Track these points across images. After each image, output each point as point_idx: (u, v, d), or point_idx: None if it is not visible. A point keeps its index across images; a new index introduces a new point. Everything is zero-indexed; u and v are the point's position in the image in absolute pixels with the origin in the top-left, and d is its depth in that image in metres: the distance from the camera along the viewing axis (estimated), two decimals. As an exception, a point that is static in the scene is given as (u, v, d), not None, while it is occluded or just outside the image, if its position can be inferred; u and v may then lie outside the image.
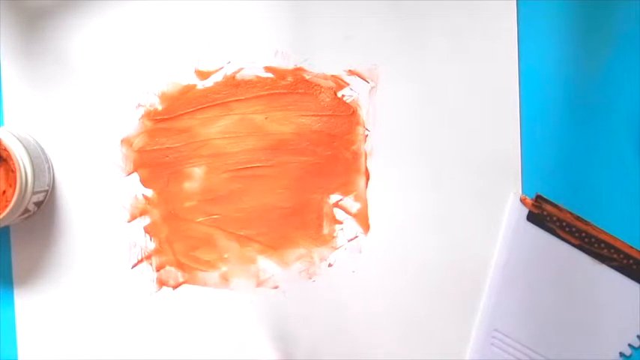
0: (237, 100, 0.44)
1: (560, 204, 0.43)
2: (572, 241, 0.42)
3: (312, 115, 0.44)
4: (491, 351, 0.43)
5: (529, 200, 0.43)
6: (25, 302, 0.44)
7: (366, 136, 0.44)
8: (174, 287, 0.44)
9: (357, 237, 0.44)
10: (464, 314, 0.44)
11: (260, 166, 0.44)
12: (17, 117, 0.44)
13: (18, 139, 0.41)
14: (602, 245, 0.42)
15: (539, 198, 0.43)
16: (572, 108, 0.43)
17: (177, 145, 0.44)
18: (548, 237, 0.43)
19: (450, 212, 0.44)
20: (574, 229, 0.42)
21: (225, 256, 0.44)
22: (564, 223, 0.42)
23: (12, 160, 0.39)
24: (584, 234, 0.42)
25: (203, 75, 0.44)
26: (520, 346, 0.43)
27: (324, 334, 0.44)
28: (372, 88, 0.44)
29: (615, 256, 0.42)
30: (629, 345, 0.42)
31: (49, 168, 0.43)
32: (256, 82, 0.44)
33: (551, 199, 0.43)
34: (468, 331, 0.44)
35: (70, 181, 0.44)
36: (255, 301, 0.44)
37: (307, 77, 0.44)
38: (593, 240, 0.42)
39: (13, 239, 0.44)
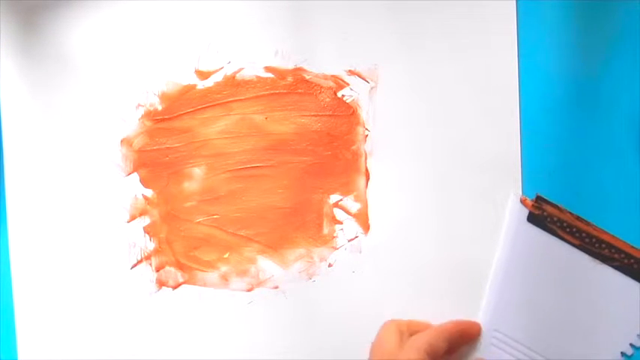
0: (237, 100, 0.44)
1: (561, 204, 0.43)
2: (573, 241, 0.42)
3: (312, 115, 0.44)
4: (491, 351, 0.43)
5: (529, 201, 0.43)
6: (25, 302, 0.44)
7: (366, 136, 0.44)
8: (174, 287, 0.44)
9: (357, 237, 0.44)
10: (464, 314, 0.43)
11: (260, 166, 0.44)
12: (16, 117, 0.44)
13: None
14: (603, 245, 0.42)
15: (539, 199, 0.43)
16: (572, 108, 0.43)
17: (177, 145, 0.44)
18: (548, 237, 0.43)
19: (449, 212, 0.44)
20: (575, 230, 0.42)
21: (225, 256, 0.44)
22: (565, 224, 0.42)
23: None
24: (584, 234, 0.42)
25: (203, 75, 0.44)
26: (520, 346, 0.42)
27: (324, 334, 0.44)
28: (372, 88, 0.44)
29: (616, 255, 0.42)
30: (631, 345, 0.42)
31: None
32: (256, 82, 0.44)
33: (551, 200, 0.43)
34: (469, 332, 0.43)
35: (70, 181, 0.44)
36: (255, 301, 0.44)
37: (307, 77, 0.44)
38: (593, 240, 0.42)
39: (12, 239, 0.44)
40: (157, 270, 0.44)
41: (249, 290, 0.44)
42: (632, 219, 0.43)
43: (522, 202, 0.43)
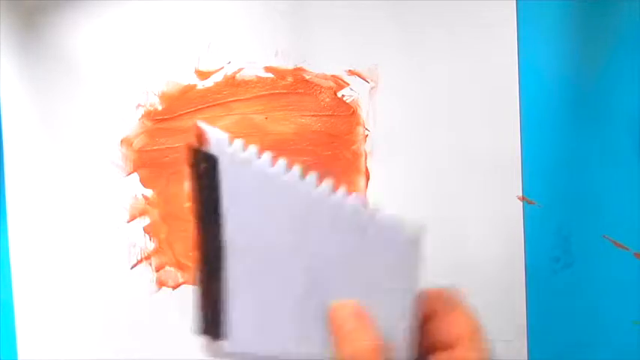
0: (237, 100, 0.44)
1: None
2: None
3: (312, 115, 0.44)
4: None
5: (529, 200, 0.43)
6: (25, 302, 0.44)
7: (366, 136, 0.44)
8: (174, 287, 0.44)
9: (357, 237, 0.44)
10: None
11: (260, 166, 0.44)
12: (16, 117, 0.44)
13: None
14: None
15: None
16: (572, 108, 0.43)
17: (177, 145, 0.44)
18: None
19: (449, 212, 0.44)
20: None
21: (225, 256, 0.44)
22: None
23: None
24: None
25: (203, 75, 0.44)
26: None
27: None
28: (372, 88, 0.44)
29: None
30: None
31: None
32: (256, 82, 0.44)
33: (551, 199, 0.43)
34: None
35: (70, 181, 0.44)
36: (255, 301, 0.44)
37: (307, 77, 0.44)
38: None
39: (12, 239, 0.44)
40: (157, 270, 0.44)
41: (249, 290, 0.44)
42: (632, 218, 0.43)
43: (521, 201, 0.43)
